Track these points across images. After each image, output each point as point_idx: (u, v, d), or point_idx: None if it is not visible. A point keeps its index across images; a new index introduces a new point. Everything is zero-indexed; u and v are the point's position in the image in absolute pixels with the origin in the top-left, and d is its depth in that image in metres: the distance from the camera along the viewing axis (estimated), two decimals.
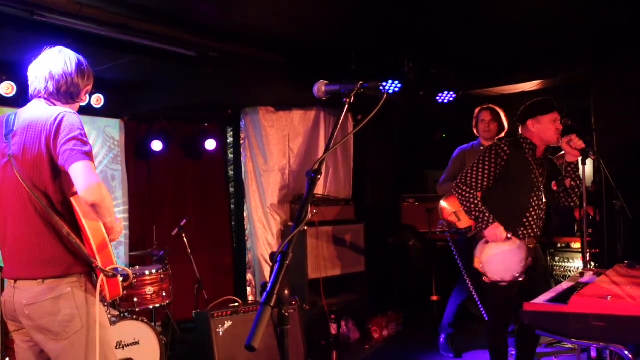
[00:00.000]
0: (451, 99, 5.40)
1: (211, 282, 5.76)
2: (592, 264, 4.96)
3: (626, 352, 2.24)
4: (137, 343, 4.00)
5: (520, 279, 3.37)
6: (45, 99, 2.34)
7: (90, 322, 2.22)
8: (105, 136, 5.68)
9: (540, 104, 3.54)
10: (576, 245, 5.65)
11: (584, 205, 3.70)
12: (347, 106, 1.77)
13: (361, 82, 1.78)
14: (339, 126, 1.67)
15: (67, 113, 2.21)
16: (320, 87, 1.86)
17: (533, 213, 3.50)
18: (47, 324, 2.16)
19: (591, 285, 2.64)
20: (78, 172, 2.08)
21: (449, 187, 4.04)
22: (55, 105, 2.35)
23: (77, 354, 2.20)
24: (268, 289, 1.22)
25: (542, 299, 2.53)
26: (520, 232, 3.47)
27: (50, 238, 2.18)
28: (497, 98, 5.97)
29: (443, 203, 4.65)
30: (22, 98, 4.88)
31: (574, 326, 2.30)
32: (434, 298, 5.97)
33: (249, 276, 6.00)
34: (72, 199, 2.21)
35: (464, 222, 4.44)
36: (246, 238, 6.04)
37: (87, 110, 5.28)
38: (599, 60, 4.86)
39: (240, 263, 6.29)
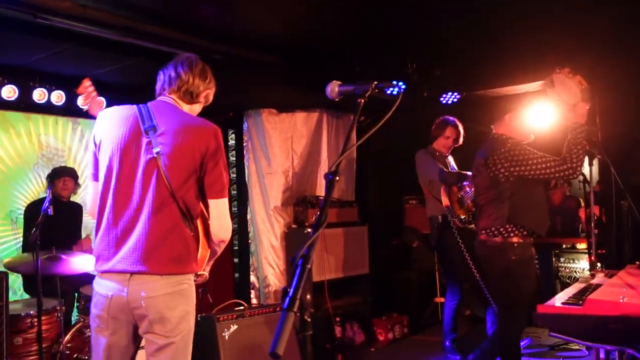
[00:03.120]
0: (455, 99, 5.38)
1: (216, 285, 5.72)
2: (599, 264, 4.94)
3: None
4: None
5: None
6: (167, 95, 2.43)
7: (192, 322, 2.36)
8: None
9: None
10: (581, 245, 5.63)
11: (591, 205, 3.68)
12: (360, 107, 1.74)
13: (376, 83, 1.75)
14: (353, 127, 1.64)
15: (218, 130, 2.36)
16: (334, 88, 1.83)
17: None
18: (160, 317, 2.21)
19: (604, 286, 2.62)
20: (222, 209, 2.31)
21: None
22: (180, 104, 2.44)
23: (180, 352, 2.29)
24: (290, 294, 1.19)
25: (555, 301, 2.50)
26: (545, 228, 3.56)
27: (179, 239, 2.25)
28: (501, 98, 5.95)
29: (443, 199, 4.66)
30: (23, 102, 4.86)
31: (589, 329, 2.28)
32: (439, 300, 5.94)
33: (252, 279, 5.97)
34: (198, 220, 2.34)
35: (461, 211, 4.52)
36: (249, 241, 6.01)
37: (87, 113, 5.25)
38: (602, 59, 4.84)
39: (244, 266, 6.25)
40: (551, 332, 2.40)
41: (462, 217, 4.51)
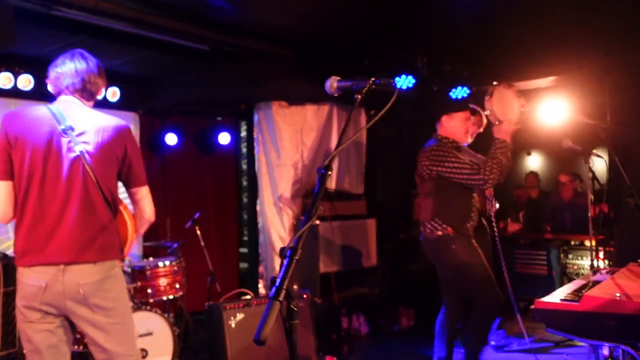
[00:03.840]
0: (465, 95, 5.37)
1: (221, 274, 5.82)
2: (607, 262, 4.93)
3: (635, 352, 2.23)
4: (150, 334, 4.05)
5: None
6: (72, 95, 2.50)
7: (128, 302, 2.58)
8: None
9: (457, 103, 3.78)
10: (589, 243, 5.60)
11: (589, 202, 3.68)
12: (358, 102, 1.77)
13: (373, 79, 1.77)
14: (350, 122, 1.68)
15: (129, 127, 2.57)
16: (332, 83, 1.86)
17: (475, 206, 3.71)
18: (100, 300, 2.38)
19: (603, 283, 2.63)
20: (146, 196, 2.61)
21: None
22: (84, 103, 2.54)
23: (126, 329, 2.47)
24: (277, 283, 1.24)
25: (553, 296, 2.52)
26: (472, 227, 3.68)
27: (106, 228, 2.44)
28: None
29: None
30: (39, 92, 4.95)
31: (585, 325, 2.30)
32: None
33: (260, 269, 6.04)
34: (121, 207, 2.59)
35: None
36: (258, 232, 6.07)
37: (102, 104, 5.34)
38: (613, 54, 4.81)
39: (253, 256, 6.33)
40: (548, 327, 2.42)
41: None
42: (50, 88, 2.55)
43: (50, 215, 2.35)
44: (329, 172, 1.48)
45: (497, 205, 4.38)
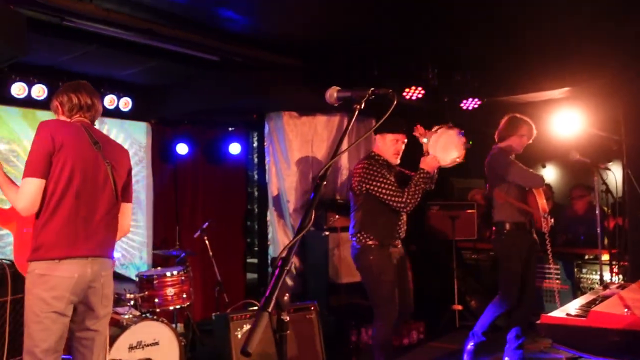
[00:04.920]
0: (476, 105, 5.34)
1: (230, 284, 5.80)
2: (620, 277, 4.83)
3: None
4: (156, 343, 4.03)
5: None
6: (85, 119, 2.89)
7: None
8: (132, 139, 5.80)
9: (392, 123, 3.84)
10: (604, 257, 5.50)
11: (598, 216, 3.61)
12: (357, 112, 1.76)
13: (372, 89, 1.78)
14: (347, 133, 1.67)
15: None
16: (332, 93, 1.87)
17: (402, 220, 3.95)
18: (109, 292, 2.84)
19: (612, 299, 2.57)
20: (128, 212, 3.00)
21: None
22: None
23: (108, 320, 2.88)
24: (266, 294, 1.22)
25: (560, 311, 2.47)
26: (397, 237, 3.94)
27: (115, 229, 2.90)
28: (523, 105, 5.87)
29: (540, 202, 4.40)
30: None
31: (591, 341, 2.25)
32: (456, 307, 5.89)
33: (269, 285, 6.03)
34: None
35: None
36: (268, 242, 6.06)
37: (115, 114, 5.40)
38: (627, 68, 4.74)
39: (262, 266, 6.32)
40: (554, 343, 2.37)
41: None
42: (60, 108, 2.86)
43: (84, 214, 2.70)
44: (324, 182, 1.46)
45: (552, 221, 4.34)
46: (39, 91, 4.95)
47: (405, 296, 4.00)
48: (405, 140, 4.00)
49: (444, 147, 3.82)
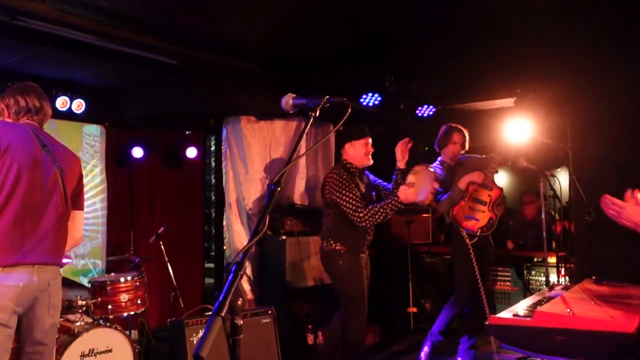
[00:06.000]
0: (431, 112, 5.47)
1: (186, 290, 5.74)
2: (567, 278, 5.03)
3: None
4: (109, 351, 3.96)
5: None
6: (33, 122, 2.82)
7: None
8: (85, 142, 5.67)
9: (356, 130, 4.04)
10: (551, 259, 5.71)
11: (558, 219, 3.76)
12: (311, 119, 1.81)
13: (327, 97, 1.82)
14: (301, 139, 1.70)
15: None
16: (288, 101, 1.91)
17: (371, 229, 4.04)
18: (57, 300, 2.75)
19: (556, 299, 2.68)
20: (79, 219, 2.92)
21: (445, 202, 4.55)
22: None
23: (55, 330, 2.80)
24: (220, 298, 1.24)
25: (508, 312, 2.56)
26: (365, 246, 4.06)
27: (65, 238, 2.81)
28: (476, 113, 6.05)
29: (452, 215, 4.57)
30: None
31: (537, 340, 2.34)
32: (411, 310, 6.00)
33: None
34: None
35: (482, 220, 4.48)
36: (224, 247, 6.03)
37: (68, 116, 5.27)
38: (576, 77, 4.95)
39: (219, 271, 6.28)
40: (502, 343, 2.46)
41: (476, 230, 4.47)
42: (6, 110, 2.79)
43: (29, 219, 2.61)
44: (278, 189, 1.49)
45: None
46: None
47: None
48: (370, 140, 4.09)
49: (421, 182, 3.87)
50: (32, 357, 2.68)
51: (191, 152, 6.23)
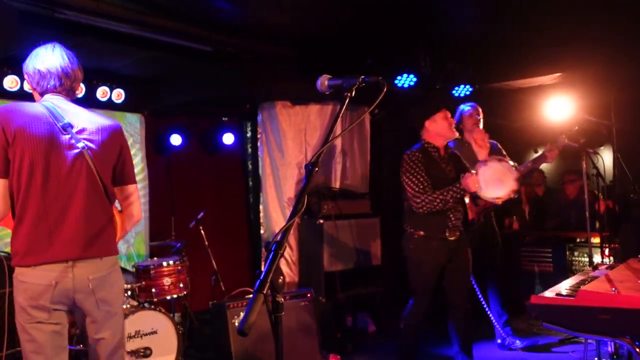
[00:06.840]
0: (468, 92, 5.37)
1: (229, 274, 5.84)
2: (611, 258, 4.90)
3: (633, 346, 2.23)
4: (155, 332, 4.09)
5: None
6: (58, 94, 2.51)
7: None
8: (126, 131, 5.80)
9: (431, 105, 3.85)
10: (595, 240, 5.58)
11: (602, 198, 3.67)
12: (347, 100, 1.80)
13: (362, 77, 1.81)
14: (338, 120, 1.70)
15: (121, 126, 2.64)
16: (323, 82, 1.90)
17: (453, 209, 3.75)
18: (105, 295, 2.45)
19: (600, 278, 2.63)
20: (134, 194, 2.63)
21: None
22: (69, 100, 2.55)
23: (120, 319, 2.55)
24: (261, 277, 1.26)
25: (550, 292, 2.53)
26: (447, 229, 3.74)
27: (108, 224, 2.51)
28: (515, 91, 5.91)
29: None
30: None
31: (580, 319, 2.31)
32: None
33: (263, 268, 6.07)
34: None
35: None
36: (262, 231, 6.10)
37: (108, 105, 5.40)
38: (620, 53, 4.79)
39: (257, 255, 6.36)
40: (544, 322, 2.43)
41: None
42: (29, 85, 2.51)
43: (54, 211, 2.33)
44: (316, 169, 1.50)
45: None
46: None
47: (456, 287, 3.88)
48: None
49: (491, 179, 3.66)
50: (95, 348, 2.49)
51: (228, 139, 6.30)
